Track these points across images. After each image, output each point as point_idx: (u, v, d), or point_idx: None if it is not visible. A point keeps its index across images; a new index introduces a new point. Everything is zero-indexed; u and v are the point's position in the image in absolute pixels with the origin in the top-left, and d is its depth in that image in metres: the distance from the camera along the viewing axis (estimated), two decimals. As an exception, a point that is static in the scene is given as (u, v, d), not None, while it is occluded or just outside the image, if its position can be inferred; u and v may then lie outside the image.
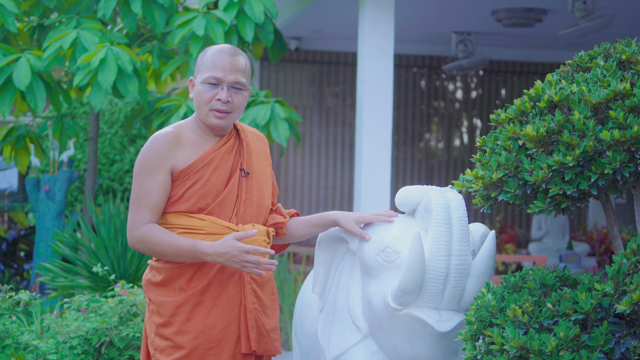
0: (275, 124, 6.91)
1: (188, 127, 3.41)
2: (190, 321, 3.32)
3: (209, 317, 3.32)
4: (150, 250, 3.30)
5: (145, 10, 6.85)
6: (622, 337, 2.94)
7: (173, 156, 3.33)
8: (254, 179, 3.43)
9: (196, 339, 3.31)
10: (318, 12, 10.01)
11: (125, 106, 10.02)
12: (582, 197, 3.11)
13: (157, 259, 3.40)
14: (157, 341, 3.35)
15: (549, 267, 3.18)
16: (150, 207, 3.30)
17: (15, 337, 5.00)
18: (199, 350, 3.31)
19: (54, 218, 8.12)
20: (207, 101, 3.34)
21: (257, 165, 3.46)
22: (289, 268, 8.61)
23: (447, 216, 3.24)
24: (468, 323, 3.12)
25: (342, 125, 12.60)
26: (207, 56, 3.37)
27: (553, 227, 11.71)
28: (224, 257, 3.21)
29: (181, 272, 3.33)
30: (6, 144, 8.12)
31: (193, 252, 3.24)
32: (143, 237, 3.29)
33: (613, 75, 3.14)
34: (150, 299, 3.39)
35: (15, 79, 6.64)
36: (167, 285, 3.35)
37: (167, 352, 3.32)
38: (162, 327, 3.34)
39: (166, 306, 3.33)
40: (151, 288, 3.40)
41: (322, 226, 3.53)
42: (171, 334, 3.32)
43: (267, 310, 3.43)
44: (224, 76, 3.33)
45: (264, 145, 3.56)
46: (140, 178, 3.33)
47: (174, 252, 3.26)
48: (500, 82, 13.08)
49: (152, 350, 3.38)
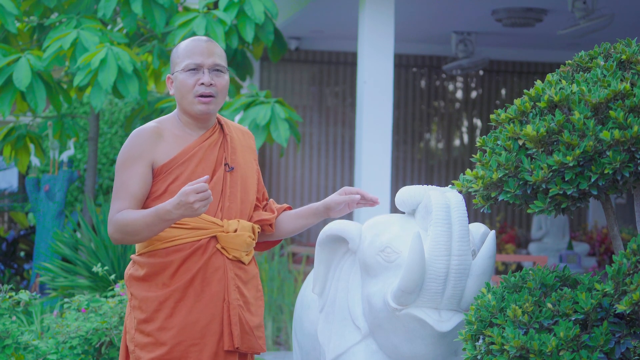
0: (275, 124, 6.91)
1: (170, 121, 3.40)
2: (173, 317, 3.28)
3: (192, 313, 3.28)
4: (126, 233, 3.24)
5: (145, 10, 6.85)
6: (622, 337, 2.94)
7: (154, 150, 3.31)
8: (238, 174, 3.40)
9: (178, 335, 3.26)
10: (318, 12, 10.01)
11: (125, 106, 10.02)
12: (582, 197, 3.11)
13: (140, 253, 3.35)
14: (137, 337, 3.30)
15: (549, 267, 3.18)
16: (128, 197, 3.27)
17: (15, 337, 5.00)
18: (181, 347, 3.27)
19: (54, 218, 8.12)
20: (191, 88, 3.33)
21: (242, 160, 3.44)
22: (289, 268, 8.61)
23: (447, 216, 3.24)
24: (468, 323, 3.12)
25: (342, 125, 12.60)
26: (181, 47, 3.38)
27: (553, 227, 11.71)
28: (179, 206, 3.12)
29: (164, 267, 3.29)
30: (6, 143, 8.12)
31: (157, 215, 3.17)
32: (116, 223, 3.25)
33: (613, 75, 3.14)
34: (133, 294, 3.35)
35: (16, 79, 6.64)
36: (149, 280, 3.31)
37: (149, 349, 3.28)
38: (144, 323, 3.30)
39: (149, 302, 3.29)
40: (133, 283, 3.35)
41: (312, 215, 3.51)
42: (153, 330, 3.28)
43: (251, 307, 3.39)
44: (203, 60, 3.33)
45: (249, 140, 3.54)
46: (121, 172, 3.31)
47: (144, 226, 3.20)
48: (500, 82, 13.08)
49: (131, 346, 3.32)
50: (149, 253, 3.33)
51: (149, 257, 3.33)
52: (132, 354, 3.32)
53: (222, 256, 3.34)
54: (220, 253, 3.34)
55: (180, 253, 3.30)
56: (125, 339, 3.37)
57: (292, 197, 12.34)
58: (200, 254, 3.31)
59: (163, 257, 3.30)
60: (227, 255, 3.34)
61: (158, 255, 3.31)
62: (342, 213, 3.49)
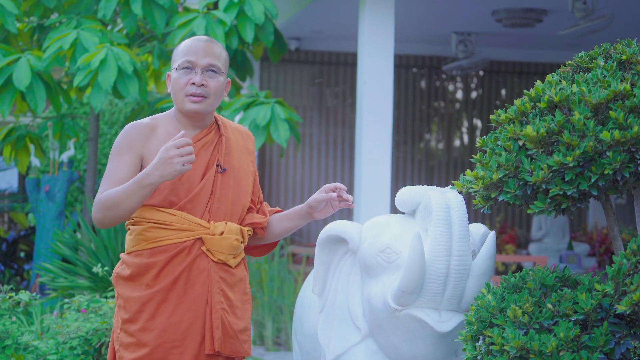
0: (275, 124, 6.91)
1: (166, 118, 3.39)
2: (155, 319, 3.26)
3: (174, 315, 3.27)
4: (106, 209, 3.20)
5: (145, 10, 6.85)
6: (622, 338, 2.94)
7: (144, 144, 3.30)
8: (231, 176, 3.38)
9: (159, 337, 3.25)
10: (318, 12, 10.01)
11: (125, 106, 10.03)
12: (582, 197, 3.11)
13: (128, 252, 3.33)
14: (122, 337, 3.30)
15: (549, 268, 3.18)
16: (114, 183, 3.24)
17: (15, 337, 5.00)
18: (162, 349, 3.25)
19: (54, 218, 8.12)
20: (182, 87, 3.32)
21: (236, 161, 3.42)
22: (289, 268, 8.61)
23: (447, 216, 3.24)
24: (468, 323, 3.12)
25: (342, 125, 12.60)
26: (181, 46, 3.38)
27: (553, 227, 11.71)
28: (158, 165, 3.10)
29: (148, 267, 3.28)
30: (6, 144, 8.12)
31: (136, 181, 3.14)
32: (98, 201, 3.21)
33: (613, 75, 3.14)
34: (119, 293, 3.34)
35: (15, 80, 6.64)
36: (134, 280, 3.30)
37: (131, 349, 3.27)
38: (128, 323, 3.29)
39: (132, 302, 3.28)
40: (120, 282, 3.34)
41: (297, 216, 3.48)
42: (135, 331, 3.27)
43: (236, 310, 3.37)
44: (196, 59, 3.32)
45: (248, 141, 3.52)
46: (111, 161, 3.30)
47: (123, 196, 3.16)
48: (500, 82, 13.08)
49: (116, 345, 3.32)
50: (135, 253, 3.32)
51: (135, 256, 3.32)
52: (117, 353, 3.32)
53: (207, 259, 3.32)
54: (206, 255, 3.32)
55: (164, 254, 3.29)
56: (113, 338, 3.37)
57: (292, 197, 12.34)
58: (185, 256, 3.29)
59: (148, 257, 3.29)
60: (212, 258, 3.32)
61: (143, 256, 3.30)
62: (326, 213, 3.46)
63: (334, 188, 3.43)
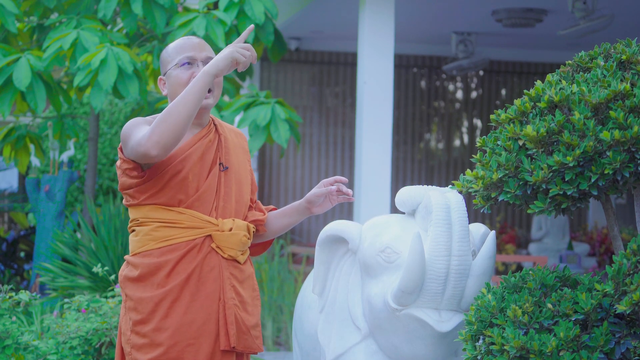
0: (275, 124, 6.91)
1: None
2: (168, 318, 3.24)
3: (187, 313, 3.26)
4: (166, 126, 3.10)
5: (145, 10, 6.85)
6: (622, 338, 2.94)
7: None
8: (232, 174, 3.39)
9: (174, 336, 3.24)
10: (318, 12, 10.01)
11: (125, 106, 10.02)
12: (582, 197, 3.11)
13: (134, 254, 3.32)
14: (133, 338, 3.27)
15: (549, 268, 3.18)
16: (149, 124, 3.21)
17: (15, 337, 5.00)
18: (177, 347, 3.24)
19: (54, 218, 8.12)
20: (186, 82, 3.30)
21: (235, 160, 3.42)
22: (289, 268, 8.61)
23: (447, 216, 3.24)
24: (468, 323, 3.12)
25: (342, 125, 12.60)
26: (171, 47, 3.37)
27: (553, 227, 11.71)
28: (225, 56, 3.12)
29: (159, 267, 3.26)
30: (6, 144, 8.12)
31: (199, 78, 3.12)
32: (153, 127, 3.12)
33: (613, 75, 3.14)
34: (128, 295, 3.31)
35: (15, 79, 6.64)
36: (144, 281, 3.28)
37: (145, 350, 3.25)
38: (140, 324, 3.27)
39: (144, 302, 3.26)
40: (128, 284, 3.32)
41: (296, 212, 3.50)
42: (149, 331, 3.25)
43: (247, 306, 3.37)
44: (196, 54, 3.33)
45: (242, 141, 3.53)
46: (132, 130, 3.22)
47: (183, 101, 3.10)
48: (501, 82, 13.08)
49: (127, 347, 3.29)
50: (143, 253, 3.30)
51: (143, 257, 3.30)
52: (129, 355, 3.29)
53: (217, 255, 3.32)
54: (216, 252, 3.32)
55: (175, 252, 3.28)
56: (121, 341, 3.34)
57: (292, 197, 12.34)
58: (196, 253, 3.29)
59: (158, 257, 3.28)
60: (222, 255, 3.32)
61: (152, 256, 3.28)
62: (324, 208, 3.46)
63: (333, 182, 3.44)
